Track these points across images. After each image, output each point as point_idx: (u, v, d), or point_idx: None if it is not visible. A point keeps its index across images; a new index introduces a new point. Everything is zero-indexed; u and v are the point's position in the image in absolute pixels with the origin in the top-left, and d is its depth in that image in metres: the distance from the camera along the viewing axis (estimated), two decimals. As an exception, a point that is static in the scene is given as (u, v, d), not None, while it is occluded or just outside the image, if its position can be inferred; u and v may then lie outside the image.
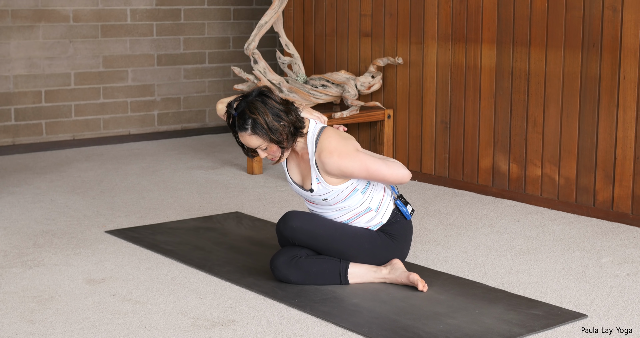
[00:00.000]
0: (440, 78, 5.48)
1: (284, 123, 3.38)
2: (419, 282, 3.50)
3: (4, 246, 4.17)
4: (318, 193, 3.54)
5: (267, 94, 3.41)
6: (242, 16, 7.69)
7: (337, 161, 3.44)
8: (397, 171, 3.49)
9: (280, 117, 3.38)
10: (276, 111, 3.38)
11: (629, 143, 4.55)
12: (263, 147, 3.42)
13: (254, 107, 3.36)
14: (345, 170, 3.45)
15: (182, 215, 4.80)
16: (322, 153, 3.46)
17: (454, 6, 5.33)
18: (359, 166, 3.45)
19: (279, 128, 3.37)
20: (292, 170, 3.64)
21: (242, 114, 3.36)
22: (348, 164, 3.44)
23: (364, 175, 3.48)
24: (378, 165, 3.48)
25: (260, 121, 3.34)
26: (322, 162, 3.46)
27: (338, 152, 3.45)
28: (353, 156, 3.46)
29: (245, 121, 3.36)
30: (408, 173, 3.51)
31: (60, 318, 3.25)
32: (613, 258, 4.02)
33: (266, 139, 3.38)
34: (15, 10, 6.60)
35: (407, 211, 3.68)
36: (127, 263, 3.92)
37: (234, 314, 3.29)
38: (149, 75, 7.26)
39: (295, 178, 3.64)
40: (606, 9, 4.57)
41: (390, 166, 3.49)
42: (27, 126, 6.74)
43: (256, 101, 3.38)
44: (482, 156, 5.29)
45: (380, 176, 3.49)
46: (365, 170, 3.46)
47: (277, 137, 3.38)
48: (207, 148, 6.92)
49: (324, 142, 3.49)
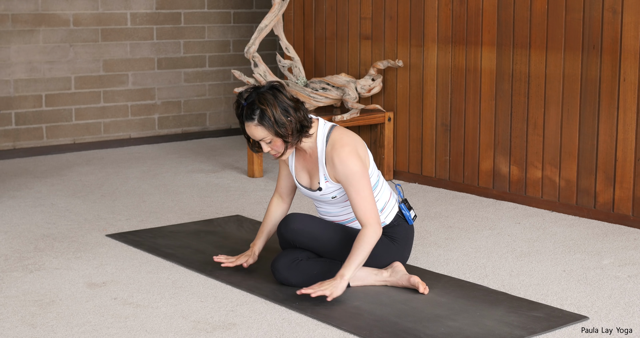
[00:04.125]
0: (441, 81, 5.48)
1: (291, 119, 3.39)
2: (420, 285, 3.50)
3: (5, 250, 4.17)
4: (327, 191, 3.54)
5: (279, 88, 3.44)
6: (242, 19, 7.69)
7: (346, 155, 3.42)
8: (374, 217, 3.40)
9: (289, 113, 3.39)
10: (285, 106, 3.39)
11: (630, 144, 4.55)
12: (267, 140, 3.42)
13: (264, 98, 3.38)
14: (345, 167, 3.42)
15: (182, 219, 4.80)
16: (336, 145, 3.45)
17: (454, 9, 5.33)
18: (359, 174, 3.41)
19: (286, 123, 3.38)
20: (299, 173, 3.64)
21: (251, 104, 3.38)
22: (351, 164, 3.43)
23: (354, 183, 3.40)
24: (369, 192, 3.42)
25: (268, 113, 3.35)
26: (333, 155, 3.44)
27: (350, 148, 3.44)
28: (361, 163, 3.44)
29: (254, 111, 3.38)
30: (377, 235, 3.41)
31: (62, 322, 3.25)
32: (614, 260, 4.01)
33: (271, 132, 3.39)
34: (16, 15, 6.60)
35: (409, 215, 3.68)
36: (128, 267, 3.92)
37: (235, 317, 3.29)
38: (150, 79, 7.27)
39: (303, 180, 3.63)
40: (606, 11, 4.57)
41: (375, 209, 3.42)
42: (27, 130, 6.75)
43: (267, 93, 3.40)
44: (482, 159, 5.29)
45: (360, 201, 3.40)
46: (358, 181, 3.40)
47: (283, 131, 3.38)
48: (208, 151, 6.92)
49: (337, 136, 3.48)
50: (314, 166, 3.56)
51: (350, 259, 3.36)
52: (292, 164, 3.64)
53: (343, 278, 3.32)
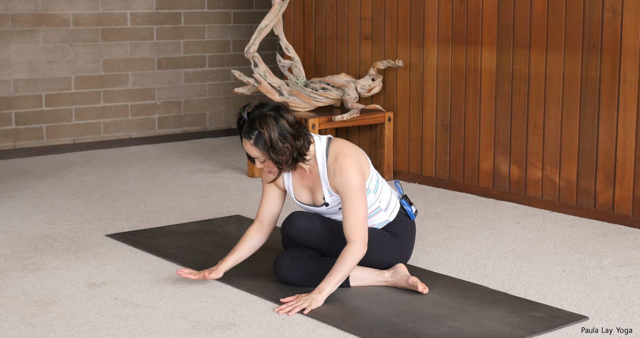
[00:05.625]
0: (441, 81, 5.48)
1: (287, 145, 3.33)
2: (419, 284, 3.50)
3: (5, 250, 4.17)
4: (333, 205, 3.52)
5: (282, 112, 3.35)
6: (242, 19, 7.69)
7: (347, 166, 3.39)
8: (361, 235, 3.37)
9: (286, 140, 3.33)
10: (284, 132, 3.33)
11: (630, 144, 4.55)
12: (261, 159, 3.40)
13: (264, 121, 3.31)
14: (345, 178, 3.38)
15: (182, 219, 4.80)
16: (339, 156, 3.41)
17: (454, 9, 5.33)
18: (357, 187, 3.38)
19: (281, 149, 3.33)
20: (299, 192, 3.58)
21: (251, 123, 3.32)
22: (351, 175, 3.39)
23: (351, 196, 3.37)
24: (363, 208, 3.38)
25: (265, 137, 3.30)
26: (335, 166, 3.40)
27: (352, 159, 3.41)
28: (361, 176, 3.41)
29: (252, 130, 3.32)
30: (361, 254, 3.39)
31: (62, 322, 3.25)
32: (614, 260, 4.01)
33: (265, 155, 3.36)
34: (16, 15, 6.60)
35: (411, 210, 3.69)
36: (128, 267, 3.92)
37: (235, 317, 3.29)
38: (150, 79, 7.27)
39: (304, 198, 3.59)
40: (606, 11, 4.57)
41: (365, 227, 3.39)
42: (27, 130, 6.75)
43: (269, 116, 3.32)
44: (482, 159, 5.29)
45: (352, 216, 3.37)
46: (355, 195, 3.37)
47: (277, 157, 3.34)
48: (208, 151, 6.93)
49: (337, 148, 3.44)
50: (315, 182, 3.52)
51: (331, 274, 3.35)
52: (289, 184, 3.59)
53: (322, 293, 3.32)
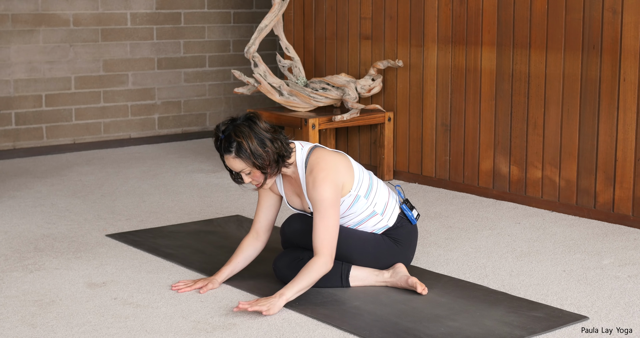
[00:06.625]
0: (441, 81, 5.48)
1: (267, 149, 3.38)
2: (418, 285, 3.50)
3: (5, 250, 4.17)
4: None
5: (254, 119, 3.42)
6: (242, 19, 7.69)
7: (320, 181, 3.39)
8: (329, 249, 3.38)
9: (265, 144, 3.38)
10: (262, 138, 3.38)
11: (630, 144, 4.55)
12: (246, 171, 3.43)
13: (240, 131, 3.37)
14: (316, 192, 3.39)
15: (182, 219, 4.80)
16: (313, 170, 3.43)
17: (454, 9, 5.33)
18: (328, 201, 3.38)
19: (263, 154, 3.37)
20: (290, 197, 3.64)
21: (228, 137, 3.39)
22: (322, 190, 3.39)
23: (321, 210, 3.38)
24: (334, 222, 3.39)
25: (245, 145, 3.35)
26: (309, 179, 3.43)
27: (325, 174, 3.42)
28: (334, 190, 3.41)
29: (231, 143, 3.38)
30: (326, 268, 3.39)
31: (61, 322, 3.25)
32: (614, 260, 4.01)
33: (249, 164, 3.39)
34: (16, 15, 6.60)
35: (412, 215, 3.68)
36: (128, 267, 3.92)
37: (235, 317, 3.29)
38: (150, 79, 7.27)
39: (296, 203, 3.64)
40: (606, 11, 4.57)
41: (333, 242, 3.39)
42: (27, 130, 6.75)
43: (243, 126, 3.39)
44: (482, 159, 5.29)
45: (322, 229, 3.38)
46: (325, 209, 3.37)
47: (260, 163, 3.38)
48: (208, 151, 6.93)
49: (314, 160, 3.46)
50: (301, 190, 3.57)
51: (293, 282, 3.36)
52: (282, 189, 3.64)
53: (282, 297, 3.32)
